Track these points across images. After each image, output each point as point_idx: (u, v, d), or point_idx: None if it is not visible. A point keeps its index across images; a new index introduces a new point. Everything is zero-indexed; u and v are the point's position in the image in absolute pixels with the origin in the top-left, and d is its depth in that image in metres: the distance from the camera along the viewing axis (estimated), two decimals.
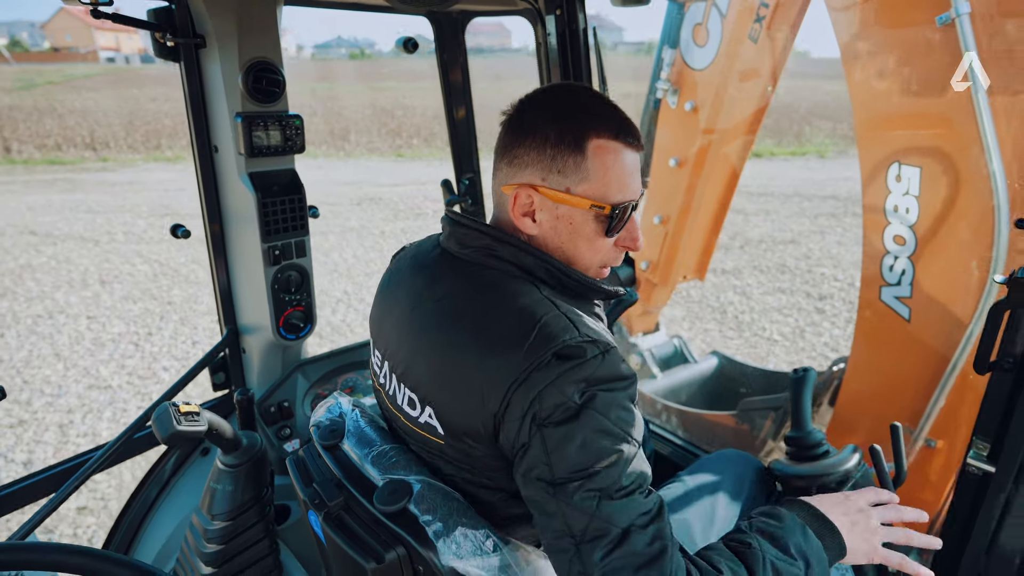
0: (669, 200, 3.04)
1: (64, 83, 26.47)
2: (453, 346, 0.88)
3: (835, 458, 1.38)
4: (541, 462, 0.79)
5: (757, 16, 2.52)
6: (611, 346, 0.84)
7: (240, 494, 1.38)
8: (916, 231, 2.12)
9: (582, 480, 0.77)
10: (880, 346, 2.32)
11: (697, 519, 1.32)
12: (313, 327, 1.83)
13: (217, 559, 1.38)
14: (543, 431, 0.79)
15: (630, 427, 0.81)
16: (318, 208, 1.86)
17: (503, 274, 0.92)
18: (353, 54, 54.64)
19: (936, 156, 2.02)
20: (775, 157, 15.05)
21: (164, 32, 1.48)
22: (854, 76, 2.18)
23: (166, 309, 6.21)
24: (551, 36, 1.83)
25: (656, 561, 0.76)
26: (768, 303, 6.39)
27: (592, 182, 0.90)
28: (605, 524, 0.76)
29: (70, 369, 5.00)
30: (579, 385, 0.80)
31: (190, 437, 1.22)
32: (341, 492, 0.91)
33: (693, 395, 3.36)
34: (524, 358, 0.81)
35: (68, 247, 8.05)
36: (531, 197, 0.93)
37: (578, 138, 0.89)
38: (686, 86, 2.83)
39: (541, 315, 0.85)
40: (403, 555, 0.84)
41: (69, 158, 15.23)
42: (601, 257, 0.97)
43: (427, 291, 0.96)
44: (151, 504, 1.75)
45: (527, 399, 0.80)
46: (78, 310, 6.16)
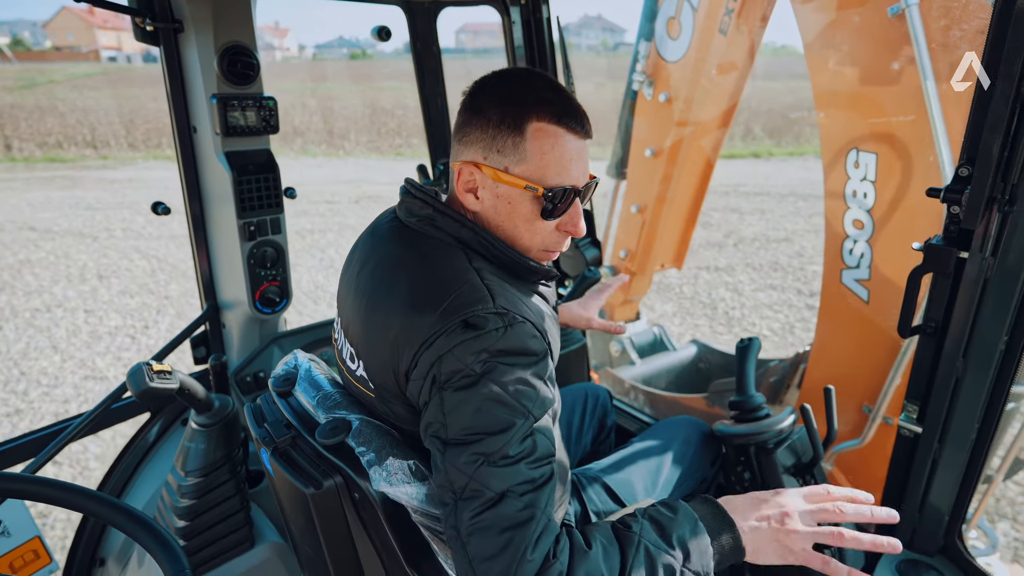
0: (646, 190, 3.12)
1: (66, 82, 26.63)
2: (383, 306, 0.93)
3: (771, 419, 1.46)
4: (437, 421, 0.85)
5: (727, 9, 2.60)
6: (519, 320, 0.87)
7: (212, 452, 1.46)
8: (873, 215, 2.19)
9: (470, 444, 0.82)
10: (842, 327, 2.39)
11: (640, 480, 1.39)
12: (289, 302, 1.92)
13: (190, 513, 1.46)
14: (442, 393, 0.85)
15: (529, 401, 0.85)
16: (295, 189, 1.94)
17: (441, 243, 0.98)
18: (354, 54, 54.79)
19: (891, 143, 2.10)
20: (773, 157, 15.10)
21: (144, 17, 1.56)
22: (815, 66, 2.26)
23: (163, 303, 6.29)
24: (516, 25, 1.91)
25: (521, 526, 0.80)
26: (759, 299, 6.45)
27: (529, 164, 0.93)
28: (481, 487, 0.81)
29: (67, 361, 5.08)
30: (479, 355, 0.84)
31: (161, 394, 1.30)
32: (289, 431, 0.99)
33: (672, 381, 3.44)
34: (436, 322, 0.86)
35: (67, 243, 8.14)
36: (473, 175, 0.96)
37: (519, 120, 0.92)
38: (660, 78, 2.91)
39: (461, 284, 0.89)
40: (340, 483, 0.91)
41: (70, 156, 15.34)
42: (541, 240, 0.99)
43: (373, 254, 1.02)
44: (132, 472, 1.83)
45: (430, 361, 0.85)
46: (76, 304, 6.24)
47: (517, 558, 0.79)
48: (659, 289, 6.77)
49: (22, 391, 4.54)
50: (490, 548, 0.80)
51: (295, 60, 66.84)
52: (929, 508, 1.47)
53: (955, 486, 1.41)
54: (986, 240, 1.14)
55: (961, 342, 1.27)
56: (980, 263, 1.17)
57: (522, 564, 0.79)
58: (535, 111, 0.92)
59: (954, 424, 1.35)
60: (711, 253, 7.86)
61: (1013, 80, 1.00)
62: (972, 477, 1.39)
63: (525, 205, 0.95)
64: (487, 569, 0.79)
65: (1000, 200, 1.09)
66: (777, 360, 2.85)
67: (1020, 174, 1.06)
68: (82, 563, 1.74)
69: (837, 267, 2.35)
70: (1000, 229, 1.12)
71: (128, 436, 1.89)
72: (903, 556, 1.52)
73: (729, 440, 1.47)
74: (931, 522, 1.49)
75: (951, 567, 1.49)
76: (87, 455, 3.72)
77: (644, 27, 2.91)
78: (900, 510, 1.55)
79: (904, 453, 1.49)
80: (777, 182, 11.90)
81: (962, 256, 1.20)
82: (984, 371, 1.27)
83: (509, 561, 0.79)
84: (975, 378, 1.28)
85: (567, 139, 0.94)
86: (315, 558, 1.01)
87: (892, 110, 2.07)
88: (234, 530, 1.53)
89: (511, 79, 0.96)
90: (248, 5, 1.61)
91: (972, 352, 1.27)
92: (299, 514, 0.97)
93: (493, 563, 0.79)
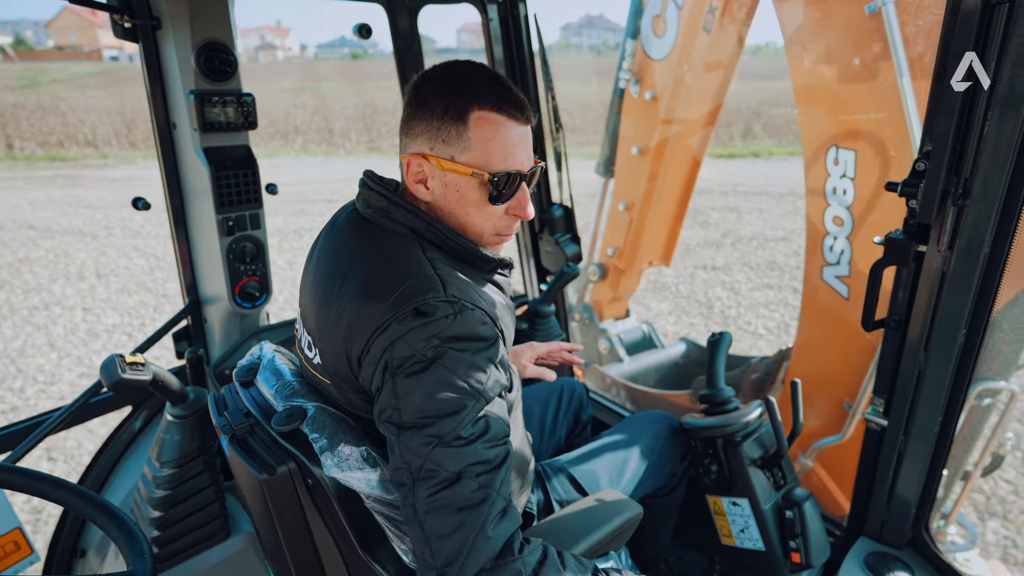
0: (633, 187, 3.13)
1: (68, 81, 26.72)
2: (337, 295, 0.96)
3: (738, 412, 1.48)
4: (391, 406, 0.87)
5: (710, 7, 2.62)
6: (468, 308, 0.90)
7: (186, 444, 1.48)
8: (852, 212, 2.21)
9: (424, 427, 0.85)
10: (823, 324, 2.41)
11: (605, 472, 1.41)
12: (269, 296, 1.93)
13: (164, 503, 1.48)
14: (394, 379, 0.87)
15: (480, 384, 0.88)
16: (276, 185, 1.97)
17: (395, 234, 1.00)
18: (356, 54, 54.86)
19: (869, 140, 2.11)
20: (773, 157, 15.08)
21: (122, 14, 1.58)
22: (796, 64, 2.27)
23: (160, 301, 6.32)
24: (494, 23, 1.93)
25: (478, 506, 0.83)
26: (756, 298, 6.45)
27: (473, 151, 0.96)
28: (436, 467, 0.84)
29: (63, 358, 5.11)
30: (430, 341, 0.86)
31: (134, 386, 1.32)
32: (248, 419, 1.01)
33: (660, 378, 3.45)
34: (387, 309, 0.89)
35: (66, 241, 8.18)
36: (422, 165, 0.99)
37: (461, 110, 0.95)
38: (646, 76, 2.92)
39: (414, 273, 0.92)
40: (293, 468, 0.93)
41: (71, 155, 15.41)
42: (493, 224, 1.02)
43: (329, 245, 1.05)
44: (113, 464, 1.85)
45: (383, 347, 0.88)
46: (74, 302, 6.27)
47: (473, 535, 0.82)
48: (655, 288, 6.78)
49: (18, 388, 4.57)
50: (446, 526, 0.82)
51: (297, 59, 66.95)
52: (896, 501, 1.48)
53: (921, 479, 1.42)
54: (942, 234, 1.15)
55: (922, 335, 1.28)
56: (937, 256, 1.19)
57: (479, 540, 0.82)
58: (476, 100, 0.95)
59: (918, 417, 1.36)
60: (708, 252, 7.87)
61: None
62: (937, 470, 1.40)
63: (473, 192, 0.98)
64: (442, 546, 0.82)
65: (954, 194, 1.11)
66: (759, 357, 2.86)
67: (972, 168, 1.07)
68: (63, 554, 1.76)
69: (818, 264, 2.36)
70: (956, 223, 1.14)
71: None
72: (872, 548, 1.53)
73: (697, 433, 1.49)
74: (899, 515, 1.50)
75: (919, 560, 1.50)
76: (81, 451, 3.74)
77: (630, 25, 2.92)
78: (869, 503, 1.56)
79: (872, 446, 1.50)
80: (776, 182, 11.90)
81: (920, 250, 1.21)
82: (945, 364, 1.28)
83: (464, 538, 0.81)
84: (936, 371, 1.29)
85: (509, 126, 0.97)
86: (275, 545, 1.03)
87: (870, 107, 2.08)
88: (208, 521, 1.55)
89: (452, 72, 0.99)
90: (226, 2, 1.63)
91: (933, 345, 1.28)
92: (257, 500, 0.99)
93: (448, 540, 0.82)
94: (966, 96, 1.03)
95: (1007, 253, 1.12)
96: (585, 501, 1.17)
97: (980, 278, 1.17)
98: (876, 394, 1.45)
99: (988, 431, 2.11)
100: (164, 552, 1.51)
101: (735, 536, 1.51)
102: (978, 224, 1.11)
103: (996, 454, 2.19)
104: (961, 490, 2.20)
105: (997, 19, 0.95)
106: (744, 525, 1.49)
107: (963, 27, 0.98)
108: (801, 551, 1.42)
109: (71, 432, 3.90)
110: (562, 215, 2.20)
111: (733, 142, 16.16)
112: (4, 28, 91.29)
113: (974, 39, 0.97)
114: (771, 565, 1.46)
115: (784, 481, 1.52)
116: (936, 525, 2.23)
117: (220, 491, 1.57)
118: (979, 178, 1.07)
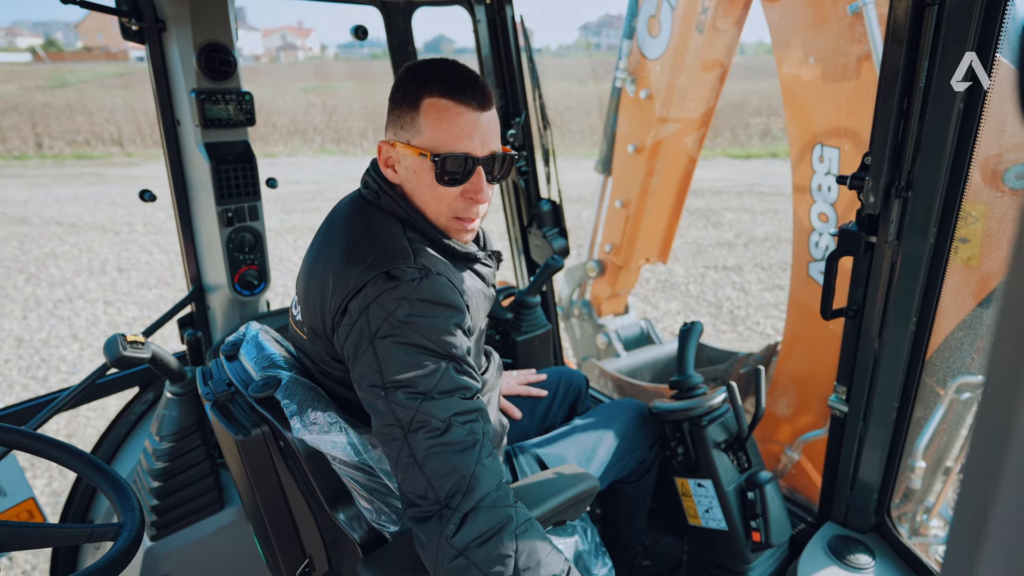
0: (629, 185, 3.19)
1: (95, 81, 27.42)
2: (324, 258, 1.06)
3: (703, 396, 1.53)
4: (373, 370, 0.95)
5: (703, 7, 2.67)
6: (434, 274, 0.99)
7: (184, 419, 1.59)
8: (837, 208, 2.24)
9: (408, 385, 0.93)
10: (809, 319, 2.44)
11: (573, 455, 1.47)
12: (267, 285, 2.04)
13: (163, 475, 1.58)
14: (372, 344, 0.95)
15: (451, 346, 0.97)
16: (276, 180, 2.07)
17: (383, 214, 1.10)
18: (375, 54, 55.38)
19: (852, 137, 2.15)
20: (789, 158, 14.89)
21: (130, 17, 1.69)
22: (782, 65, 2.31)
23: (179, 296, 6.49)
24: (481, 24, 2.01)
25: (470, 449, 0.93)
26: (766, 299, 6.43)
27: (424, 135, 1.04)
28: (428, 417, 0.93)
29: (85, 349, 5.31)
30: (401, 303, 0.95)
31: (134, 362, 1.43)
32: (230, 388, 1.10)
33: (657, 373, 3.49)
34: (362, 272, 0.98)
35: (90, 236, 8.44)
36: (389, 152, 1.10)
37: (416, 98, 1.04)
38: (642, 75, 2.98)
39: (389, 244, 1.02)
40: (267, 431, 1.02)
41: (96, 153, 15.84)
42: (448, 206, 1.08)
43: (330, 218, 1.16)
44: (120, 442, 1.97)
45: (359, 310, 0.97)
46: (96, 295, 6.49)
47: (471, 470, 0.92)
48: (664, 287, 6.80)
49: (42, 377, 4.76)
50: (446, 466, 0.92)
51: (317, 59, 67.74)
52: (860, 485, 1.53)
53: (881, 464, 1.47)
54: (890, 225, 1.21)
55: (877, 323, 1.33)
56: (887, 247, 1.24)
57: (479, 470, 0.93)
58: (428, 89, 1.04)
59: (876, 403, 1.41)
60: (720, 252, 7.85)
61: (896, 74, 1.06)
62: (896, 455, 1.45)
63: (426, 172, 1.06)
64: (443, 484, 0.92)
65: (897, 186, 1.16)
66: (746, 352, 2.90)
67: (913, 162, 1.12)
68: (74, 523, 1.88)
69: (804, 260, 2.40)
70: (902, 214, 1.19)
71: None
72: (837, 532, 1.58)
73: (665, 416, 1.55)
74: (862, 500, 1.54)
75: (882, 544, 1.54)
76: (89, 429, 3.90)
77: (627, 25, 2.98)
78: (834, 489, 1.61)
79: (836, 433, 1.55)
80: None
81: (871, 240, 1.26)
82: (898, 351, 1.33)
83: (464, 473, 0.92)
84: (891, 358, 1.34)
85: (459, 111, 1.04)
86: (254, 506, 1.12)
87: (853, 105, 2.12)
88: (204, 492, 1.65)
89: (418, 67, 1.08)
90: (225, 6, 1.74)
91: (887, 333, 1.33)
92: (236, 462, 1.08)
93: (449, 478, 0.92)
94: (903, 93, 1.08)
95: (950, 242, 1.17)
96: (545, 473, 1.25)
97: (927, 267, 1.22)
98: (839, 382, 1.50)
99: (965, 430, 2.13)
100: (162, 520, 1.61)
101: (700, 516, 1.57)
102: (922, 215, 1.16)
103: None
104: (943, 484, 2.22)
105: (928, 21, 1.01)
106: (708, 506, 1.54)
107: (897, 28, 1.03)
108: (761, 530, 1.47)
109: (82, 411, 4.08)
110: (550, 210, 2.27)
111: (751, 142, 16.03)
112: (35, 30, 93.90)
113: (907, 39, 1.03)
114: (733, 544, 1.52)
115: (748, 464, 1.57)
116: (919, 518, 2.26)
117: (215, 465, 1.68)
118: (919, 171, 1.12)
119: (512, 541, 0.91)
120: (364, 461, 1.03)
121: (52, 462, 1.03)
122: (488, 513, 0.92)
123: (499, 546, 0.90)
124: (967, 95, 1.04)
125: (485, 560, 0.89)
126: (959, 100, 1.05)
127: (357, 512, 1.05)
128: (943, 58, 1.01)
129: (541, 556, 0.93)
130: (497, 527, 0.91)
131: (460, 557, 0.89)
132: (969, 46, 1.00)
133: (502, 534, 0.91)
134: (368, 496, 1.04)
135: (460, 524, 0.90)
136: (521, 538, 0.92)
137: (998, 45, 1.01)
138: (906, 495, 2.09)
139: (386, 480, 1.06)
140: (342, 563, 1.10)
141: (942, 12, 0.99)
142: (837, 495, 1.59)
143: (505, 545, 0.91)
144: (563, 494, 1.15)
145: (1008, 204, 1.71)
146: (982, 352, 2.03)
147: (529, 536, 0.93)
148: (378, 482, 1.05)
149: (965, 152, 1.08)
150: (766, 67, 26.83)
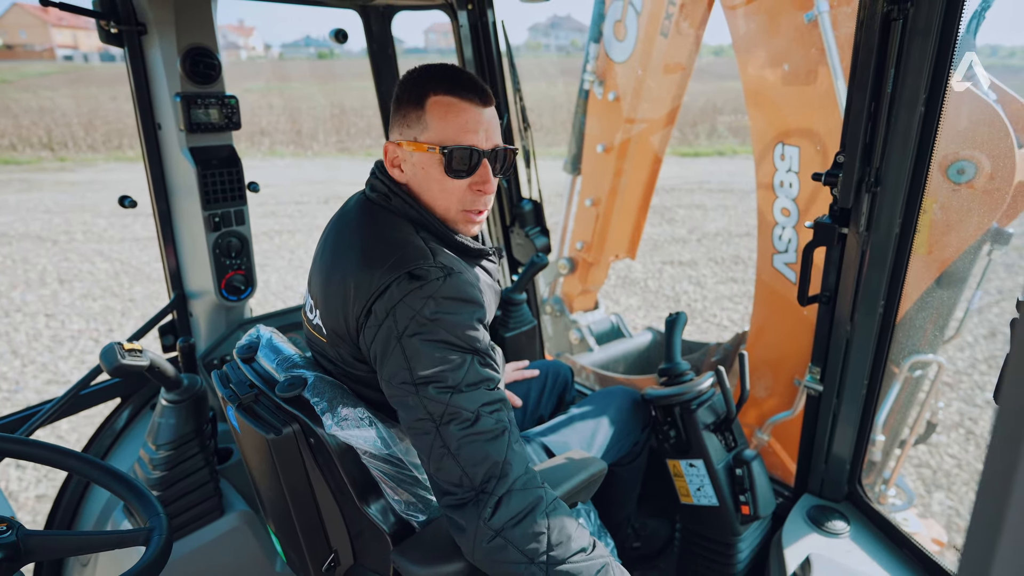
0: (599, 184, 3.29)
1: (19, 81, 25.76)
2: (340, 264, 1.09)
3: (693, 382, 1.64)
4: (402, 367, 0.99)
5: (667, 13, 2.79)
6: (454, 272, 1.04)
7: (182, 426, 1.57)
8: (798, 203, 2.40)
9: (437, 380, 0.98)
10: (774, 308, 2.60)
11: (576, 442, 1.55)
12: (254, 290, 2.02)
13: (162, 483, 1.56)
14: (401, 342, 0.99)
15: (475, 340, 1.02)
16: (258, 184, 2.06)
17: (393, 216, 1.13)
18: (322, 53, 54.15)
19: (811, 137, 2.31)
20: (737, 155, 15.47)
21: (108, 20, 1.65)
22: (744, 67, 2.45)
23: (127, 306, 6.24)
24: (463, 28, 2.05)
25: (500, 437, 1.00)
26: (720, 291, 6.69)
27: (430, 131, 1.09)
28: (458, 409, 0.98)
29: (27, 365, 5.03)
30: (427, 301, 0.99)
31: (133, 371, 1.41)
32: (253, 390, 1.11)
33: (629, 365, 3.62)
34: (384, 274, 1.02)
35: (24, 247, 7.97)
36: (395, 151, 1.14)
37: (420, 97, 1.09)
38: (609, 78, 3.08)
39: (406, 244, 1.06)
40: (297, 429, 1.05)
41: (25, 158, 14.90)
42: (458, 200, 1.12)
43: (338, 222, 1.19)
44: (102, 456, 1.92)
45: (385, 310, 1.00)
46: (35, 308, 6.14)
47: (504, 455, 0.98)
48: (624, 283, 6.98)
49: None
50: (480, 453, 0.97)
51: (261, 59, 65.66)
52: (833, 458, 1.66)
53: (853, 437, 1.60)
54: (860, 217, 1.33)
55: (848, 308, 1.46)
56: (857, 237, 1.36)
57: (510, 455, 0.99)
58: (432, 88, 1.09)
59: (848, 382, 1.54)
60: (675, 248, 8.11)
61: (867, 80, 1.18)
62: (866, 428, 1.59)
63: (434, 167, 1.11)
64: (477, 471, 0.97)
65: (867, 182, 1.28)
66: (716, 342, 3.05)
67: (881, 159, 1.25)
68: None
69: (769, 252, 2.55)
70: (871, 208, 1.31)
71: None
72: (814, 503, 1.71)
73: (657, 402, 1.64)
74: (836, 471, 1.68)
75: (855, 511, 1.68)
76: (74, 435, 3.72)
77: (593, 29, 3.08)
78: (810, 463, 1.74)
79: (811, 411, 1.68)
80: (740, 179, 12.24)
81: (843, 232, 1.39)
82: (868, 333, 1.46)
83: (497, 459, 0.98)
84: (862, 340, 1.47)
85: (462, 106, 1.09)
86: (278, 502, 1.13)
87: (811, 107, 2.27)
88: (204, 499, 1.63)
89: (419, 70, 1.13)
90: (209, 8, 1.72)
91: (858, 317, 1.46)
92: (263, 460, 1.09)
93: (483, 465, 0.97)
94: (873, 98, 1.20)
95: (913, 232, 1.30)
96: (555, 460, 1.31)
97: (894, 256, 1.35)
98: (813, 363, 1.63)
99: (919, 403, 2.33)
100: None
101: (692, 494, 1.67)
102: (889, 208, 1.29)
103: (929, 422, 2.42)
104: (898, 457, 2.42)
105: (894, 33, 1.12)
106: (700, 484, 1.65)
107: (867, 39, 1.15)
108: (750, 504, 1.58)
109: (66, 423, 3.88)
110: (531, 209, 2.34)
111: (699, 141, 16.56)
112: None
113: (876, 50, 1.14)
114: (724, 518, 1.63)
115: (735, 444, 1.68)
116: (878, 488, 2.44)
117: (214, 472, 1.66)
118: (887, 168, 1.24)
119: (544, 519, 0.97)
120: (393, 454, 1.06)
121: (69, 472, 1.02)
122: (521, 495, 0.97)
123: (533, 524, 0.96)
124: (927, 100, 1.17)
125: (521, 537, 0.95)
126: (920, 104, 1.17)
127: (386, 504, 1.09)
128: (907, 67, 1.13)
129: (571, 531, 0.99)
130: (530, 507, 0.97)
131: (498, 537, 0.95)
132: (929, 57, 1.12)
133: (535, 513, 0.97)
134: (397, 488, 1.08)
135: (496, 507, 0.96)
136: (552, 516, 0.98)
137: (952, 57, 1.14)
138: (866, 468, 2.27)
139: (414, 472, 1.10)
140: (367, 555, 1.14)
141: (906, 27, 1.11)
142: (813, 468, 1.72)
143: (538, 523, 0.97)
144: (577, 476, 1.22)
145: (951, 196, 1.89)
146: (931, 332, 2.23)
147: (558, 514, 1.00)
148: (406, 474, 1.09)
149: (926, 151, 1.21)
150: (711, 68, 27.73)
